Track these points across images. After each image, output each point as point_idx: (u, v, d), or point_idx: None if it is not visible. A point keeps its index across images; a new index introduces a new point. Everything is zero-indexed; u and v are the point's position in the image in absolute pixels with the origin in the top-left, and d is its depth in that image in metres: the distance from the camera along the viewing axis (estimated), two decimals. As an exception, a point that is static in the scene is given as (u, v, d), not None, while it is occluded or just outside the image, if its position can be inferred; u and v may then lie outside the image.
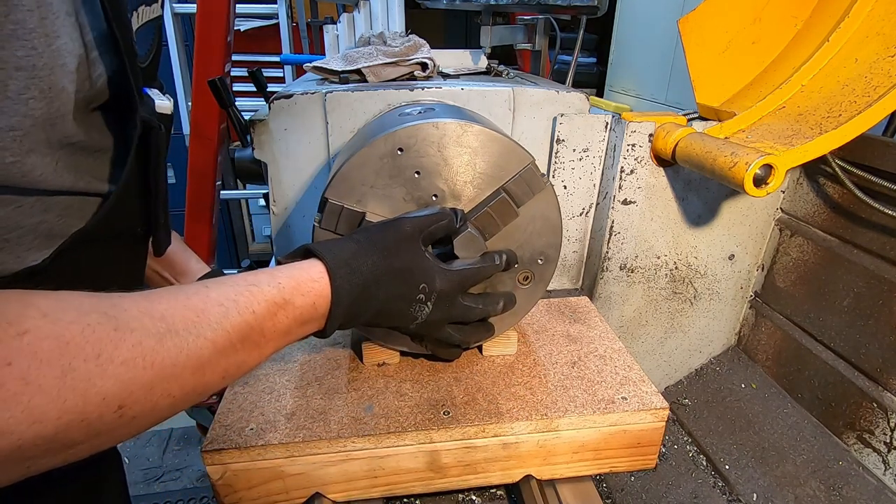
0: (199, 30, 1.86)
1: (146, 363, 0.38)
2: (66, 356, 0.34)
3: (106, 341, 0.36)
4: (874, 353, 0.90)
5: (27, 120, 0.37)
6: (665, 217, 1.03)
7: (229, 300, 0.46)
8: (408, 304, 0.60)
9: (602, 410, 0.69)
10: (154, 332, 0.39)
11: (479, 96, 0.93)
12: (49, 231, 0.44)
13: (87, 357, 0.35)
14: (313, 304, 0.53)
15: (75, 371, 0.34)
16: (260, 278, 0.50)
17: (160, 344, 0.39)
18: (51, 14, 0.38)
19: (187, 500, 2.53)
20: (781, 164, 0.72)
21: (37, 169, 0.40)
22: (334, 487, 0.66)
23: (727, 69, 0.96)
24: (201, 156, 2.01)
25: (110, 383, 0.36)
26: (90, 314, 0.37)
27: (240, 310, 0.46)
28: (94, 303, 0.38)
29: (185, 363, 0.41)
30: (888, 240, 0.87)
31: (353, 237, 0.61)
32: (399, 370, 0.77)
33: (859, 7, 0.83)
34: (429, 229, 0.61)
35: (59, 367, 0.34)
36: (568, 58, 1.65)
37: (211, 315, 0.44)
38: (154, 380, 0.39)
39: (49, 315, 0.35)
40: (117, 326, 0.37)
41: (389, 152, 0.64)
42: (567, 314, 0.92)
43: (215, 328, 0.44)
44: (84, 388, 0.35)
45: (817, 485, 0.91)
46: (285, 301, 0.50)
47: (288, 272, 0.53)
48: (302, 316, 0.52)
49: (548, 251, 0.73)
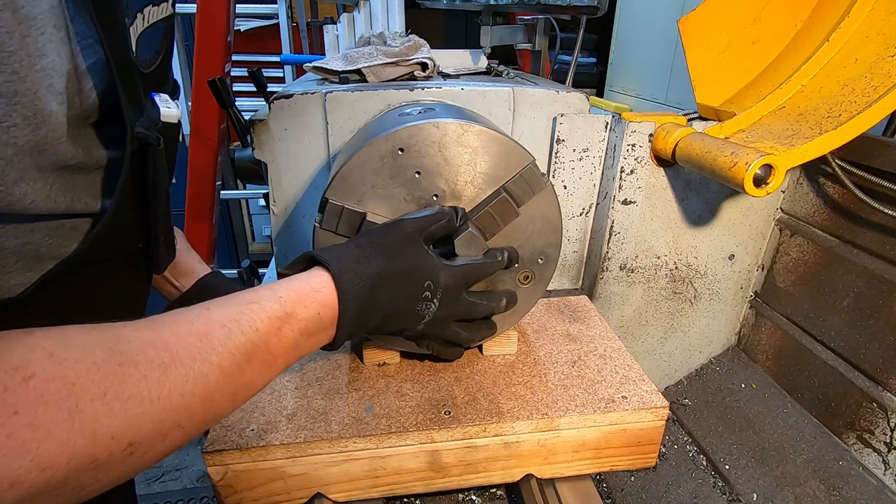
0: (199, 30, 1.86)
1: (153, 396, 0.38)
2: (72, 397, 0.33)
3: (111, 378, 0.36)
4: (874, 353, 0.90)
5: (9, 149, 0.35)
6: (665, 217, 1.03)
7: (231, 320, 0.45)
8: (415, 304, 0.59)
9: (602, 409, 0.69)
10: (159, 364, 0.39)
11: (479, 96, 0.93)
12: (35, 252, 0.42)
13: (94, 396, 0.34)
14: (318, 315, 0.52)
15: (82, 412, 0.34)
16: (260, 294, 0.49)
17: (165, 375, 0.39)
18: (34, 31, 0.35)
19: (187, 500, 2.53)
20: (781, 164, 0.72)
21: (27, 197, 0.38)
22: (335, 488, 0.66)
23: (727, 69, 0.96)
24: (201, 156, 2.01)
25: (118, 421, 0.35)
26: (94, 350, 0.36)
27: (243, 329, 0.45)
28: (98, 338, 0.37)
29: (192, 391, 0.40)
30: (888, 240, 0.87)
31: (354, 241, 0.61)
32: (400, 370, 0.77)
33: (859, 7, 0.83)
34: (429, 229, 0.61)
35: (67, 410, 0.33)
36: (568, 58, 1.65)
37: (214, 338, 0.43)
38: (163, 412, 0.38)
39: (55, 355, 0.34)
40: (122, 361, 0.37)
41: (390, 152, 0.64)
42: (567, 313, 0.92)
43: (220, 352, 0.43)
44: (93, 429, 0.34)
45: (817, 485, 0.91)
46: (288, 315, 0.49)
47: (288, 285, 0.52)
48: (307, 328, 0.51)
49: (548, 250, 0.73)
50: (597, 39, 3.02)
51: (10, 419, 0.30)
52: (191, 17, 2.37)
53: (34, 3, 0.35)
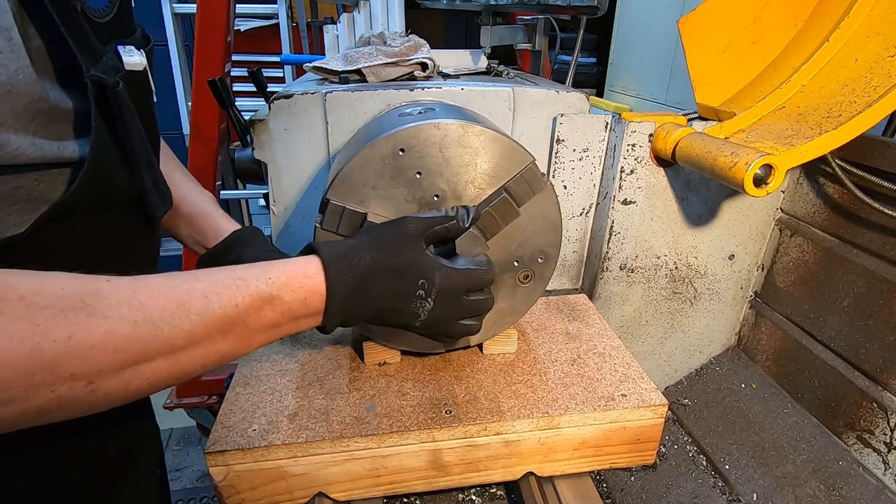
0: (199, 30, 1.85)
1: (117, 348, 0.40)
2: (35, 336, 0.36)
3: (77, 326, 0.38)
4: (874, 353, 0.90)
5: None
6: (665, 217, 1.03)
7: (213, 293, 0.47)
8: (407, 301, 0.60)
9: (602, 408, 0.70)
10: (130, 321, 0.41)
11: (479, 96, 0.93)
12: (28, 196, 0.45)
13: (57, 339, 0.37)
14: (304, 300, 0.53)
15: (44, 351, 0.36)
16: (251, 272, 0.51)
17: (134, 332, 0.41)
18: None
19: (187, 500, 2.53)
20: (781, 164, 0.73)
21: (11, 143, 0.40)
22: (337, 487, 0.66)
23: (727, 69, 0.97)
24: (201, 156, 2.01)
25: (78, 363, 0.38)
26: (66, 300, 0.38)
27: (222, 303, 0.47)
28: (74, 289, 0.39)
29: (158, 350, 0.43)
30: (888, 240, 0.88)
31: (355, 235, 0.62)
32: (400, 370, 0.77)
33: (859, 7, 0.83)
34: (432, 230, 0.61)
35: (29, 347, 0.36)
36: (568, 58, 1.66)
37: (192, 307, 0.45)
38: (125, 363, 0.41)
39: (25, 298, 0.37)
40: (92, 314, 0.39)
41: (391, 153, 0.64)
42: (566, 312, 0.92)
43: (194, 320, 0.45)
44: (52, 367, 0.37)
45: (817, 485, 0.91)
46: (272, 297, 0.50)
47: (281, 267, 0.53)
48: (291, 311, 0.52)
49: (548, 249, 0.73)
50: (597, 39, 3.02)
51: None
52: (191, 17, 2.37)
53: None
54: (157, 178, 0.59)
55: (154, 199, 0.58)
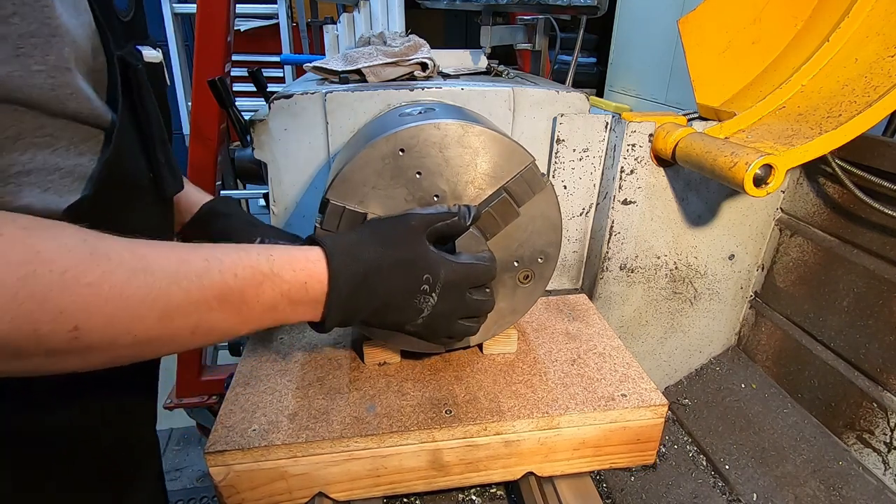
0: (199, 30, 1.85)
1: (112, 293, 0.39)
2: (33, 263, 0.35)
3: (76, 262, 0.37)
4: (874, 353, 0.90)
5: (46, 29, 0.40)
6: (665, 217, 1.03)
7: (215, 258, 0.46)
8: (412, 296, 0.59)
9: (602, 407, 0.70)
10: (129, 267, 0.40)
11: (479, 96, 0.93)
12: (84, 174, 0.47)
13: (53, 269, 0.36)
14: (304, 284, 0.52)
15: (38, 277, 0.35)
16: (254, 247, 0.51)
17: (132, 278, 0.40)
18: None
19: (187, 500, 2.53)
20: (781, 164, 0.73)
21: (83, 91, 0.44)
22: (337, 487, 0.66)
23: (727, 69, 0.97)
24: (201, 156, 2.01)
25: (69, 299, 0.37)
26: (70, 237, 0.38)
27: (222, 269, 0.46)
28: (78, 231, 0.39)
29: (151, 304, 0.41)
30: (888, 240, 0.88)
31: (358, 229, 0.62)
32: (400, 370, 0.77)
33: (859, 7, 0.83)
34: (435, 226, 0.61)
35: (24, 271, 0.35)
36: (568, 58, 1.65)
37: (192, 267, 0.44)
38: (116, 311, 0.39)
39: (27, 228, 0.37)
40: (93, 252, 0.39)
41: (391, 153, 0.64)
42: (566, 312, 0.92)
43: (192, 280, 0.44)
44: (42, 296, 0.36)
45: (817, 485, 0.91)
46: (272, 272, 0.50)
47: (284, 249, 0.53)
48: (290, 293, 0.51)
49: (548, 249, 0.73)
50: (597, 39, 3.02)
51: None
52: (191, 17, 2.37)
53: None
54: (169, 157, 0.60)
55: (167, 176, 0.59)
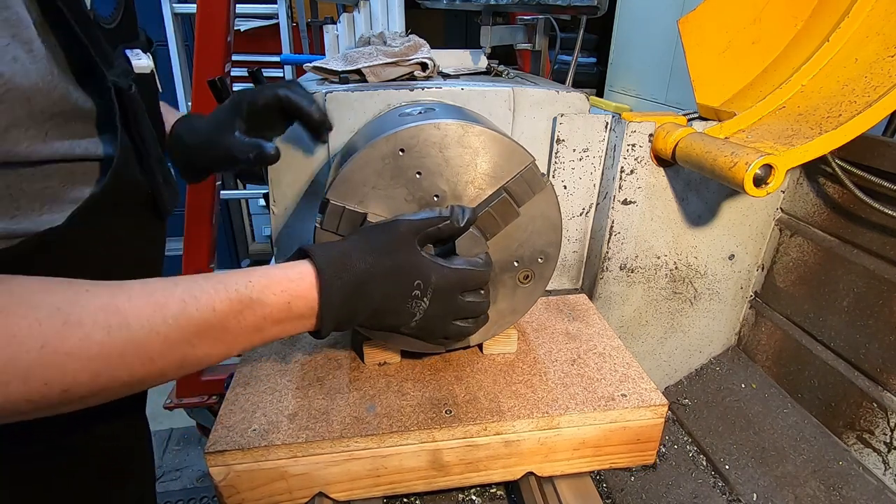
0: (199, 30, 1.85)
1: (91, 354, 0.41)
2: (11, 347, 0.37)
3: (51, 334, 0.39)
4: (874, 353, 0.90)
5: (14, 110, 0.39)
6: (665, 217, 1.03)
7: (191, 297, 0.47)
8: (403, 301, 0.59)
9: (602, 408, 0.70)
10: (104, 326, 0.42)
11: (479, 96, 0.93)
12: (54, 196, 0.47)
13: (31, 349, 0.38)
14: (287, 304, 0.52)
15: (17, 360, 0.38)
16: (231, 277, 0.51)
17: (109, 337, 0.42)
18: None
19: (187, 500, 2.53)
20: (781, 164, 0.73)
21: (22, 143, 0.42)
22: (337, 487, 0.66)
23: (727, 69, 0.97)
24: (201, 156, 2.00)
25: (52, 371, 0.39)
26: (41, 309, 0.39)
27: (199, 307, 0.47)
28: (52, 299, 0.41)
29: (134, 353, 0.43)
30: (888, 240, 0.88)
31: (349, 238, 0.61)
32: (400, 370, 0.77)
33: (859, 7, 0.83)
34: (426, 230, 0.61)
35: (4, 357, 0.37)
36: (568, 58, 1.66)
37: (168, 310, 0.45)
38: (100, 368, 0.42)
39: (3, 310, 0.38)
40: (66, 321, 0.40)
41: (391, 153, 0.64)
42: (566, 312, 0.92)
43: (170, 324, 0.45)
44: (25, 375, 0.38)
45: (817, 485, 0.91)
46: (252, 300, 0.50)
47: (263, 271, 0.53)
48: (273, 315, 0.52)
49: (548, 249, 0.73)
50: (597, 39, 3.02)
51: None
52: (191, 17, 2.37)
53: None
54: (166, 173, 0.61)
55: (165, 194, 0.60)
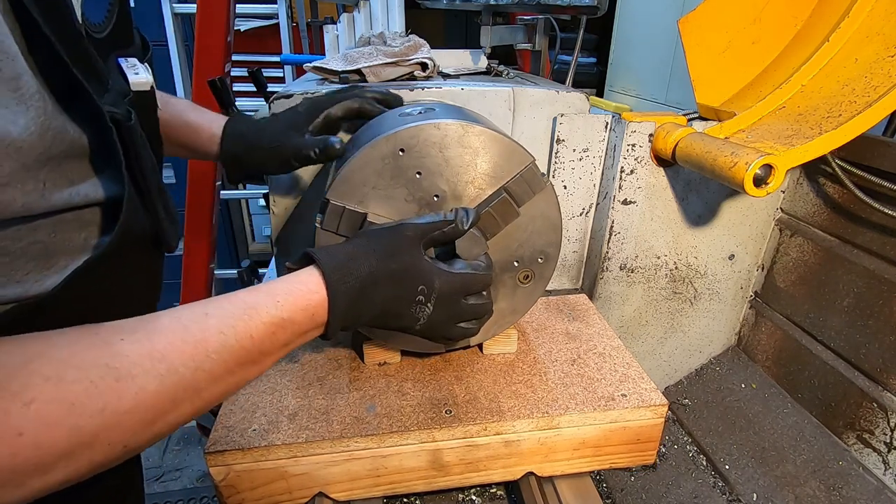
0: (199, 30, 1.86)
1: (148, 406, 0.39)
2: (72, 416, 0.35)
3: (109, 395, 0.37)
4: (874, 353, 0.90)
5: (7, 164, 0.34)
6: (665, 217, 1.03)
7: (228, 327, 0.46)
8: (407, 306, 0.60)
9: (602, 408, 0.70)
10: (154, 375, 0.40)
11: (479, 96, 0.93)
12: (43, 251, 0.42)
13: (93, 413, 0.36)
14: (312, 316, 0.53)
15: (82, 429, 0.36)
16: (259, 298, 0.50)
17: (161, 385, 0.40)
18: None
19: (187, 500, 2.53)
20: (781, 164, 0.73)
21: (17, 201, 0.37)
22: (337, 487, 0.66)
23: (727, 69, 0.97)
24: (201, 156, 2.01)
25: (115, 432, 0.38)
26: (91, 370, 0.37)
27: (238, 337, 0.46)
28: (95, 355, 0.38)
29: (183, 396, 0.42)
30: (888, 240, 0.88)
31: (353, 240, 0.61)
32: (400, 370, 0.77)
33: (859, 7, 0.83)
34: (431, 235, 0.61)
35: (67, 428, 0.35)
36: (568, 58, 1.66)
37: (210, 346, 0.44)
38: (156, 417, 0.41)
39: (51, 378, 0.35)
40: (119, 377, 0.38)
41: (391, 153, 0.65)
42: (566, 312, 0.92)
43: (213, 359, 0.44)
44: (90, 442, 0.36)
45: (817, 485, 0.91)
46: (283, 319, 0.50)
47: (286, 287, 0.53)
48: (301, 328, 0.53)
49: (548, 250, 0.73)
50: (597, 39, 3.02)
51: (15, 440, 0.33)
52: (191, 17, 2.37)
53: None
54: (168, 205, 0.57)
55: (167, 228, 0.56)
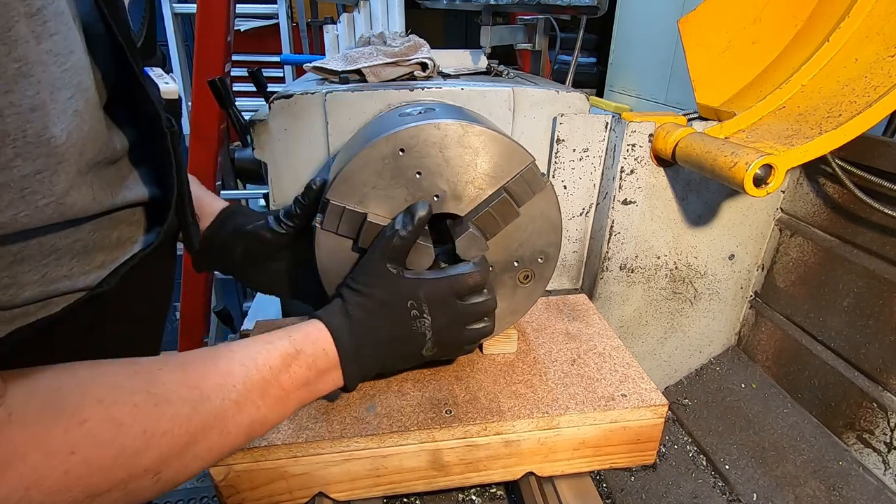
0: (199, 30, 1.86)
1: (182, 430, 0.43)
2: (120, 437, 0.38)
3: (150, 418, 0.41)
4: (874, 353, 0.90)
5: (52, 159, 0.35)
6: (665, 217, 1.03)
7: (249, 359, 0.51)
8: (408, 325, 0.62)
9: (602, 408, 0.70)
10: (189, 400, 0.44)
11: (479, 96, 0.93)
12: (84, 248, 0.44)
13: (136, 435, 0.39)
14: (324, 350, 0.58)
15: (126, 450, 0.39)
16: (275, 335, 0.56)
17: (194, 411, 0.44)
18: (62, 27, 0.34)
19: (187, 500, 2.53)
20: (781, 164, 0.73)
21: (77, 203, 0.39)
22: (337, 487, 0.66)
23: (727, 69, 0.97)
24: (201, 156, 2.01)
25: (153, 454, 0.41)
26: (136, 394, 0.41)
27: (258, 367, 0.51)
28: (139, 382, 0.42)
29: (212, 423, 0.46)
30: (888, 240, 0.88)
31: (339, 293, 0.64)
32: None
33: (859, 7, 0.83)
34: (389, 249, 0.62)
35: (115, 448, 0.38)
36: (568, 58, 1.66)
37: (235, 376, 0.49)
38: (188, 443, 0.44)
39: (104, 401, 0.39)
40: (157, 402, 0.42)
41: (391, 153, 0.64)
42: (566, 312, 0.92)
43: (238, 389, 0.49)
44: (131, 463, 0.39)
45: (817, 485, 0.91)
46: (297, 351, 0.55)
47: (297, 328, 0.59)
48: (316, 363, 0.57)
49: (548, 250, 0.73)
50: (597, 39, 3.02)
51: (68, 458, 0.35)
52: (191, 17, 2.37)
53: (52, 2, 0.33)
54: (193, 211, 0.60)
55: (194, 234, 0.59)
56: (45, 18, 0.33)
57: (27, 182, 0.34)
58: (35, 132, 0.33)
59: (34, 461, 0.34)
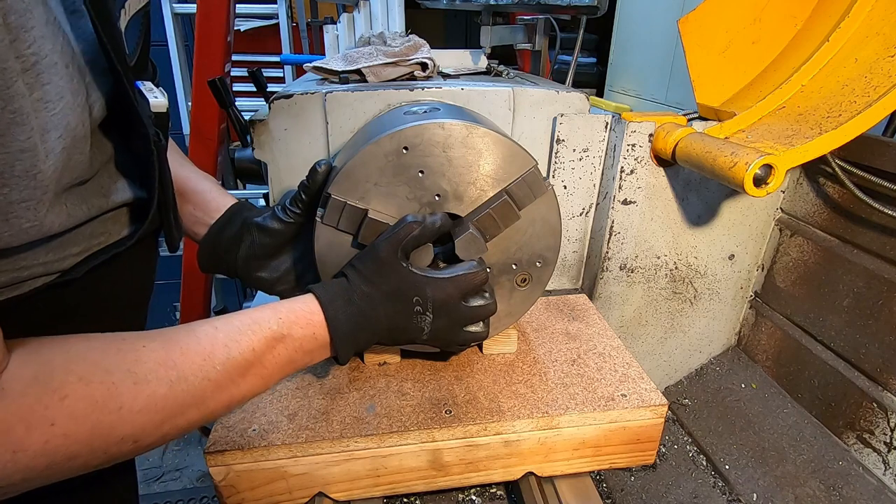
0: (199, 30, 1.86)
1: (157, 407, 0.45)
2: (95, 413, 0.42)
3: (126, 396, 0.43)
4: (874, 353, 0.90)
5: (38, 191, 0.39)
6: (665, 217, 1.03)
7: (233, 341, 0.52)
8: (409, 319, 0.62)
9: (602, 408, 0.70)
10: (167, 380, 0.46)
11: (479, 96, 0.93)
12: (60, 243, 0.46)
13: (111, 411, 0.42)
14: (313, 335, 0.58)
15: (102, 424, 0.42)
16: (264, 314, 0.56)
17: (170, 390, 0.46)
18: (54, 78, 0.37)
19: (187, 500, 2.53)
20: (781, 164, 0.73)
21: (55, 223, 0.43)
22: (337, 487, 0.66)
23: (727, 69, 0.97)
24: (201, 156, 2.01)
25: (128, 428, 0.44)
26: (115, 373, 0.44)
27: (241, 349, 0.52)
28: (119, 361, 0.45)
29: (190, 402, 0.48)
30: (888, 240, 0.88)
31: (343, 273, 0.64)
32: (400, 369, 0.77)
33: (859, 7, 0.83)
34: (404, 242, 0.62)
35: (91, 423, 0.41)
36: (568, 58, 1.66)
37: (216, 358, 0.50)
38: (164, 419, 0.46)
39: (83, 378, 0.42)
40: (136, 381, 0.44)
41: (394, 150, 0.64)
42: (566, 312, 0.92)
43: (219, 370, 0.50)
44: (107, 434, 0.43)
45: (817, 485, 0.91)
46: (283, 335, 0.55)
47: (289, 306, 0.58)
48: (303, 346, 0.57)
49: (546, 254, 0.73)
50: (597, 39, 3.02)
51: (49, 429, 0.39)
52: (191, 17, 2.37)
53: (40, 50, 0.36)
54: (176, 214, 0.61)
55: (175, 235, 0.61)
56: (38, 70, 0.37)
57: (13, 208, 0.38)
58: (24, 169, 0.37)
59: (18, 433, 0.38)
